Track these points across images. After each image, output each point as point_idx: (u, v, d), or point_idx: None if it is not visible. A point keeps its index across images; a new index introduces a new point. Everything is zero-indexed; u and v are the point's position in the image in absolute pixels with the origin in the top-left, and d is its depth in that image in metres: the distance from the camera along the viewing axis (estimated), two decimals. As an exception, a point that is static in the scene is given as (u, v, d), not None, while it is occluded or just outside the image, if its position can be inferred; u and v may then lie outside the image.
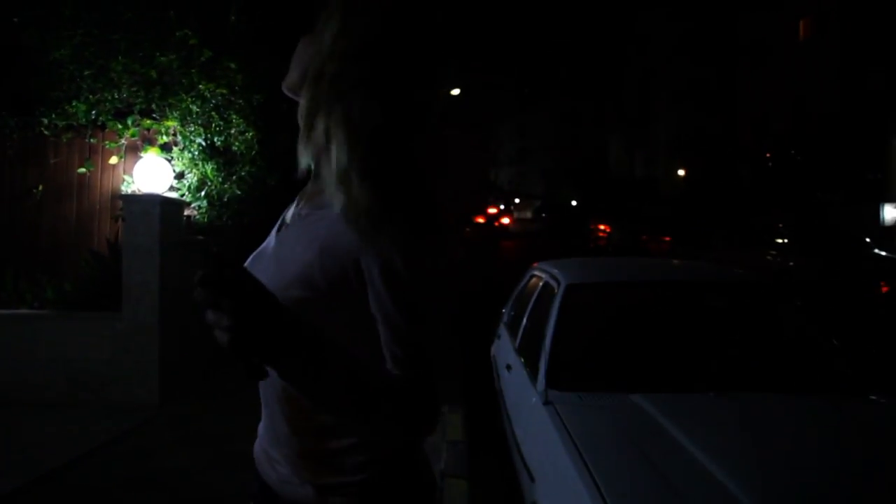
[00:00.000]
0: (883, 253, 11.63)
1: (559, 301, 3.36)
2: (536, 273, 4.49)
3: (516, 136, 78.23)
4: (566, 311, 3.29)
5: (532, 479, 2.43)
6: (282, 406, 1.07)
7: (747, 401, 2.55)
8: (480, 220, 49.79)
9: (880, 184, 19.88)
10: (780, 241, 12.52)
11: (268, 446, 1.14)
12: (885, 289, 9.82)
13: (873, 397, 2.72)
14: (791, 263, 11.42)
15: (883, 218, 18.97)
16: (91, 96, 5.55)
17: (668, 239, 19.83)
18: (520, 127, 77.21)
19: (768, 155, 25.79)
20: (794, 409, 2.52)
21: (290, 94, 1.13)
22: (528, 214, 60.51)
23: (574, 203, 52.79)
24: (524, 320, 4.00)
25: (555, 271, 3.86)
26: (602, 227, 27.98)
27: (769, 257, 12.21)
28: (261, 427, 1.19)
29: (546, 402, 2.62)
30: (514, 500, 2.79)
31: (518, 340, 3.90)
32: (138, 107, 5.68)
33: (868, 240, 12.10)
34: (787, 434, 2.31)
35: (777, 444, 2.20)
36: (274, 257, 1.09)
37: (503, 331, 4.68)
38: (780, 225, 13.27)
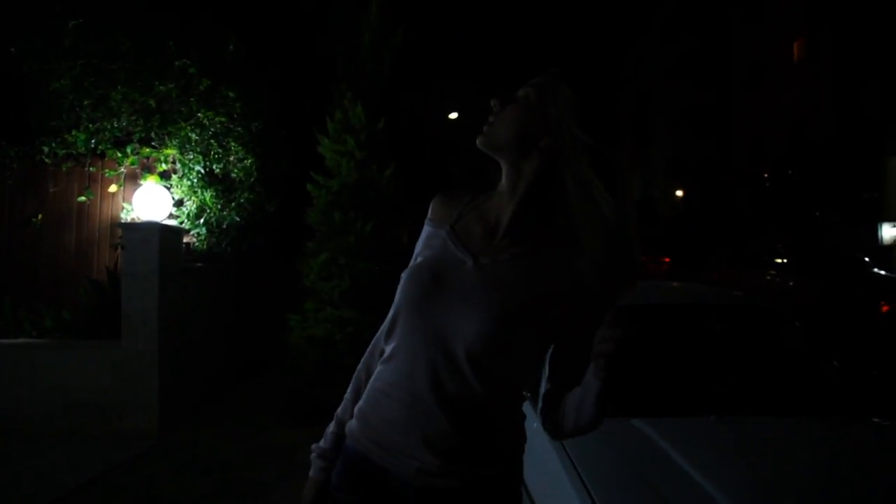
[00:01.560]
0: (882, 272, 11.63)
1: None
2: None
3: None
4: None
5: (533, 505, 2.41)
6: (448, 410, 1.21)
7: (748, 424, 2.54)
8: None
9: (877, 203, 19.92)
10: (779, 261, 12.52)
11: (399, 444, 1.25)
12: (885, 308, 9.80)
13: (875, 420, 2.71)
14: (791, 284, 11.41)
15: (881, 237, 18.95)
16: (91, 125, 5.58)
17: (667, 260, 19.83)
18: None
19: (766, 175, 25.89)
20: (795, 432, 2.51)
21: (487, 151, 1.33)
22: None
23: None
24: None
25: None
26: (601, 248, 27.87)
27: (769, 278, 12.20)
28: (375, 423, 1.30)
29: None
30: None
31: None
32: (137, 135, 5.72)
33: (867, 259, 12.10)
34: (789, 458, 2.30)
35: (779, 468, 2.19)
36: (487, 288, 1.25)
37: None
38: (779, 245, 13.27)
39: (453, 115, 21.30)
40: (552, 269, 1.25)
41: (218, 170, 6.07)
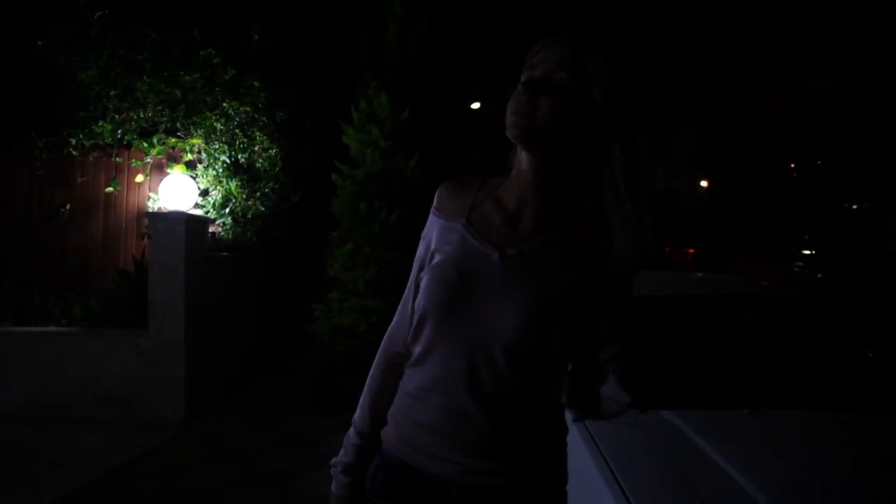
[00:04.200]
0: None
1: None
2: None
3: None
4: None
5: (562, 499, 2.39)
6: (487, 411, 1.18)
7: (781, 417, 2.49)
8: None
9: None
10: (806, 252, 12.34)
11: (437, 448, 1.22)
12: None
13: (912, 414, 2.65)
14: (819, 276, 11.25)
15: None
16: (117, 116, 5.62)
17: (691, 251, 19.64)
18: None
19: (792, 166, 25.52)
20: (830, 426, 2.46)
21: (521, 143, 1.21)
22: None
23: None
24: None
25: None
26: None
27: (796, 269, 12.03)
28: (409, 428, 1.27)
29: (576, 420, 2.57)
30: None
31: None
32: (163, 125, 5.75)
33: (898, 250, 11.87)
34: (824, 453, 2.25)
35: (814, 465, 2.14)
36: (519, 280, 1.20)
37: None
38: (807, 237, 13.09)
39: (475, 105, 21.25)
40: (579, 254, 1.20)
41: (243, 160, 6.08)
